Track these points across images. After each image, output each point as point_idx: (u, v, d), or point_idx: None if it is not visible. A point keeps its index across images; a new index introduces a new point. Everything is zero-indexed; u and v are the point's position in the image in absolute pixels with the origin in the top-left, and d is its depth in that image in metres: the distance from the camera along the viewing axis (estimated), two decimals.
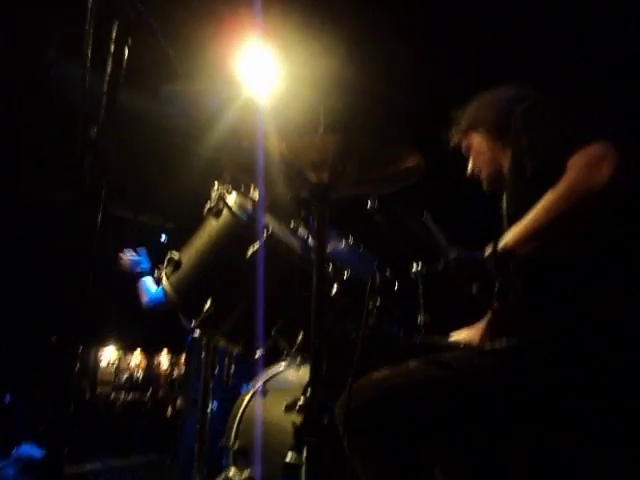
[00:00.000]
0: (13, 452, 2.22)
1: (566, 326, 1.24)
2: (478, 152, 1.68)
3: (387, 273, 1.89)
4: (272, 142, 1.35)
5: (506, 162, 1.56)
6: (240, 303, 1.72)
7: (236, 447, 2.05)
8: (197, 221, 1.82)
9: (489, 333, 1.60)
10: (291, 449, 1.31)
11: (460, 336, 1.77)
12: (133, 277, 3.41)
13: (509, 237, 1.35)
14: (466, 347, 1.49)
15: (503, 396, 1.25)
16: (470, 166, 1.72)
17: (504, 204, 1.58)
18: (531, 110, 1.43)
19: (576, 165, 1.25)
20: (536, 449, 1.26)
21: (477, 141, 1.67)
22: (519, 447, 1.28)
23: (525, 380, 1.24)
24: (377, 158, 1.36)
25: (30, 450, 2.20)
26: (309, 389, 1.29)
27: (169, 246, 1.84)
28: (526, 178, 1.36)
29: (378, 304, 1.59)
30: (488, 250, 1.38)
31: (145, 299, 3.28)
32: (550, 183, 1.29)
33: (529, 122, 1.40)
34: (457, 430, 1.29)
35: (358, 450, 1.28)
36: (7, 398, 3.29)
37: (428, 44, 3.20)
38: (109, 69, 1.09)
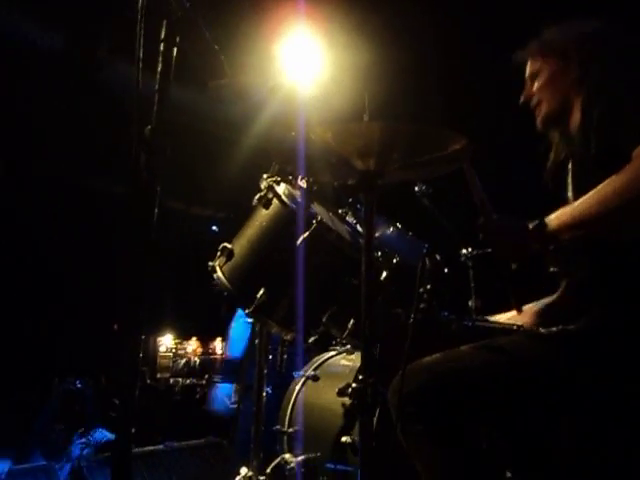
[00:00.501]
0: (89, 437, 2.34)
1: (629, 315, 1.20)
2: (547, 82, 1.50)
3: (437, 257, 1.88)
4: (318, 131, 1.36)
5: (576, 110, 1.44)
6: (291, 291, 1.75)
7: (290, 431, 2.11)
8: (247, 211, 1.87)
9: (545, 316, 1.57)
10: (342, 430, 1.34)
11: (509, 318, 1.73)
12: (186, 275, 3.43)
13: (557, 217, 1.31)
14: (520, 331, 1.47)
15: (556, 383, 1.23)
16: (529, 92, 1.55)
17: (570, 168, 1.48)
18: (610, 75, 1.34)
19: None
20: (586, 438, 1.24)
21: (550, 69, 1.50)
22: (570, 434, 1.26)
23: (580, 368, 1.21)
24: (423, 143, 1.34)
25: (102, 435, 2.32)
26: (361, 374, 1.31)
27: (221, 236, 1.89)
28: (591, 153, 1.30)
29: (428, 289, 1.58)
30: (532, 224, 1.33)
31: (213, 406, 3.17)
32: (613, 168, 1.22)
33: (607, 87, 1.32)
34: (508, 415, 1.28)
35: (411, 434, 1.29)
36: (77, 384, 3.49)
37: (473, 25, 3.12)
38: (159, 68, 1.12)
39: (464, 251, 2.43)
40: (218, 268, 1.80)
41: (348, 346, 2.15)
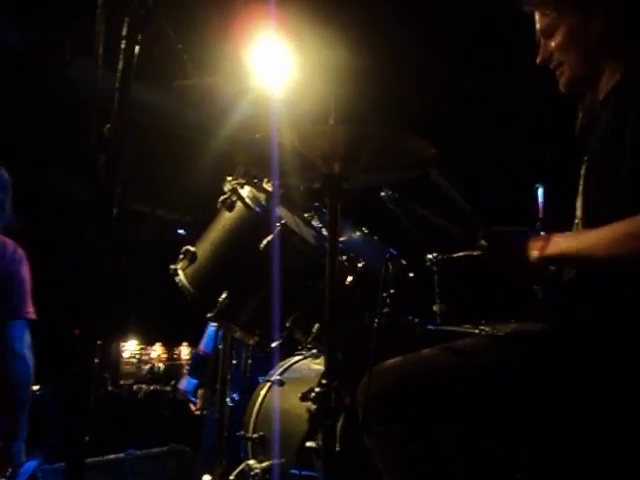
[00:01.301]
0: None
1: (588, 316, 1.22)
2: (571, 39, 1.29)
3: (402, 262, 1.89)
4: (285, 134, 1.35)
5: (606, 78, 1.27)
6: (255, 295, 1.73)
7: (255, 437, 2.09)
8: (214, 214, 1.84)
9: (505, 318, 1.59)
10: (307, 435, 1.33)
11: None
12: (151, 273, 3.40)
13: (556, 245, 1.21)
14: (480, 334, 1.49)
15: (517, 383, 1.24)
16: (549, 50, 1.35)
17: (583, 167, 1.34)
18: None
19: None
20: (552, 437, 1.26)
21: (568, 24, 1.29)
22: (535, 434, 1.28)
23: (540, 368, 1.23)
24: (388, 147, 1.35)
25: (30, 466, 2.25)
26: (324, 378, 1.30)
27: (188, 239, 1.86)
28: (611, 167, 1.18)
29: (392, 293, 1.59)
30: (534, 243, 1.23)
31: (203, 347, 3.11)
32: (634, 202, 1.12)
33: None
34: (474, 416, 1.29)
35: (378, 434, 1.29)
36: (37, 391, 3.38)
37: (442, 33, 3.17)
38: (120, 66, 1.10)
39: (429, 256, 2.46)
40: (180, 271, 1.77)
41: (314, 350, 2.15)
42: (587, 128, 1.37)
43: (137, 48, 1.15)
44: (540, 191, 2.17)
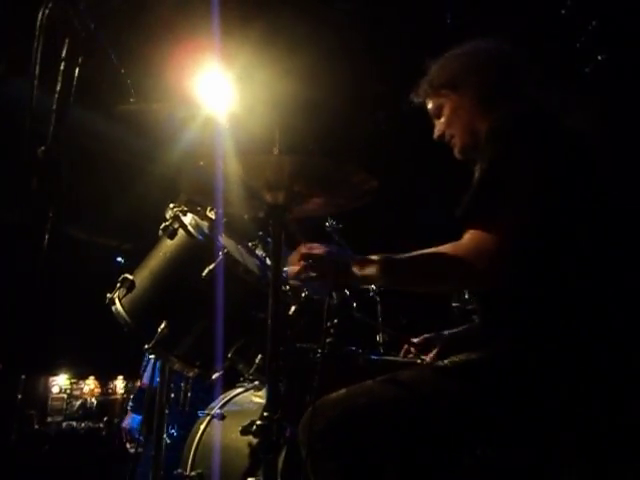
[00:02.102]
0: None
1: (530, 346, 1.26)
2: (454, 116, 1.51)
3: (345, 292, 1.90)
4: (229, 162, 1.34)
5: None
6: (196, 325, 1.69)
7: (193, 475, 2.00)
8: (154, 242, 1.79)
9: (444, 350, 1.62)
10: (247, 470, 1.29)
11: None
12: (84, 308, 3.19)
13: (371, 267, 1.33)
14: (422, 364, 1.50)
15: (460, 414, 1.26)
16: (441, 128, 1.56)
17: None
18: (495, 134, 1.34)
19: (464, 243, 1.26)
20: (495, 464, 1.27)
21: (449, 104, 1.51)
22: (481, 462, 1.29)
23: (476, 396, 1.25)
24: (332, 179, 1.37)
25: None
26: (266, 411, 1.27)
27: (127, 268, 1.80)
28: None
29: (335, 323, 1.59)
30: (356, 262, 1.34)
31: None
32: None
33: (489, 151, 1.33)
34: (418, 448, 1.29)
35: (321, 471, 1.27)
36: None
37: (386, 64, 3.29)
38: (58, 87, 1.07)
39: (373, 286, 2.48)
40: (117, 300, 1.70)
41: (257, 382, 2.10)
42: None
43: (77, 70, 1.12)
44: None
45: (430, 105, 1.57)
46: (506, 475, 1.27)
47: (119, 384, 4.55)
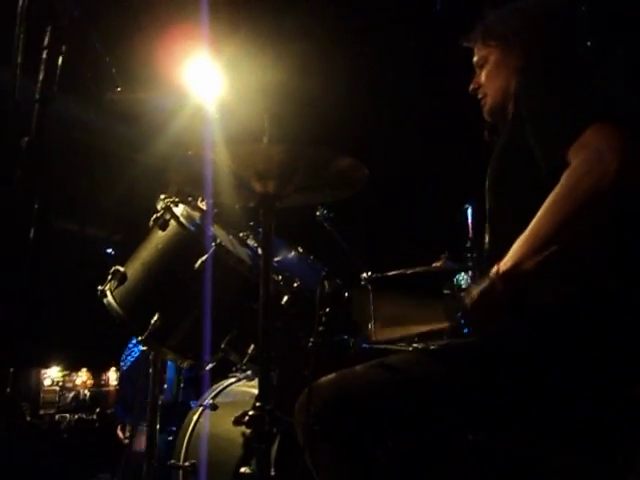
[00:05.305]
0: None
1: (517, 328, 1.26)
2: (495, 70, 1.43)
3: (337, 281, 1.89)
4: (219, 152, 1.33)
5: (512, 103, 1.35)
6: (188, 316, 1.68)
7: (186, 465, 2.00)
8: (145, 233, 1.78)
9: (435, 333, 1.62)
10: (241, 460, 1.29)
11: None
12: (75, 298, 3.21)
13: (512, 256, 1.16)
14: (413, 349, 1.51)
15: (449, 397, 1.26)
16: (478, 81, 1.49)
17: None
18: (531, 80, 1.27)
19: (575, 162, 1.08)
20: (487, 448, 1.28)
21: (494, 58, 1.43)
22: (472, 446, 1.30)
23: (469, 380, 1.25)
24: (322, 167, 1.36)
25: None
26: (258, 401, 1.27)
27: (117, 259, 1.79)
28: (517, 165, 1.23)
29: (328, 312, 1.59)
30: (491, 274, 1.17)
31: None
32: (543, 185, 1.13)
33: (528, 98, 1.24)
34: (411, 431, 1.30)
35: (318, 452, 1.27)
36: None
37: (379, 52, 3.26)
38: (41, 76, 1.04)
39: (364, 275, 2.48)
40: (109, 292, 1.69)
41: (249, 372, 2.10)
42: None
43: (60, 59, 1.10)
44: (469, 211, 2.25)
45: (477, 53, 1.48)
46: (498, 460, 1.28)
47: (112, 375, 4.54)
